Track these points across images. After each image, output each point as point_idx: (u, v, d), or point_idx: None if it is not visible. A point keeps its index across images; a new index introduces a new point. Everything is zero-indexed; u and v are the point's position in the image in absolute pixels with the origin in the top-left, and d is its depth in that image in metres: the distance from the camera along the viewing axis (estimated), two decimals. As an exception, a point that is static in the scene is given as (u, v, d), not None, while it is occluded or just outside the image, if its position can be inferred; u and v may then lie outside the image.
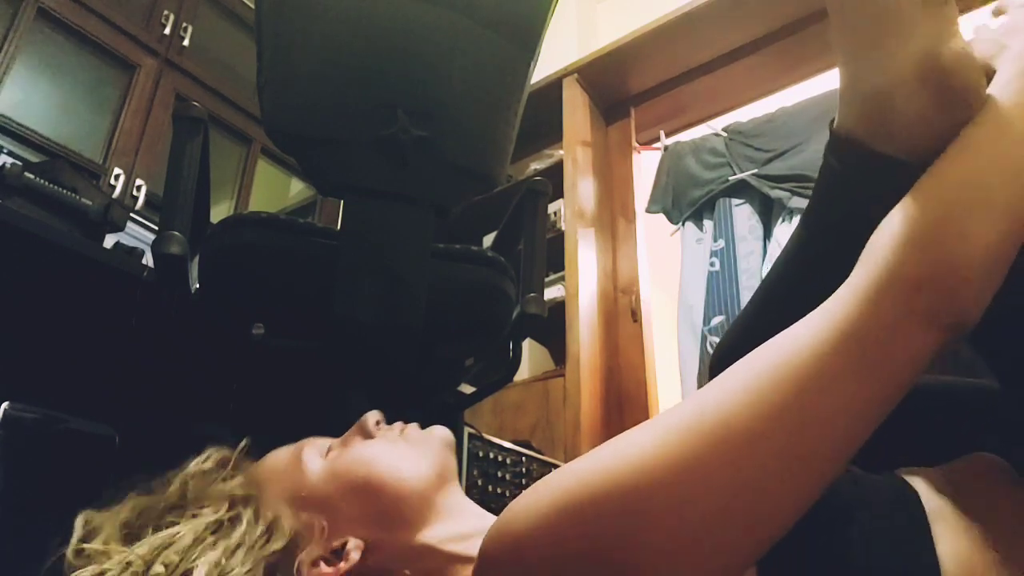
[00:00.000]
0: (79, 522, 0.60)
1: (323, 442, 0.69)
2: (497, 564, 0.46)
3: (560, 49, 2.65)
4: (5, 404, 0.90)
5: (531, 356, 2.33)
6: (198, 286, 1.09)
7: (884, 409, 0.43)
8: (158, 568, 0.54)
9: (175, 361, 1.26)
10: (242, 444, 0.70)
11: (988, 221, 0.42)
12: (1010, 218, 0.43)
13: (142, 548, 0.55)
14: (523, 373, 2.22)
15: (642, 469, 0.42)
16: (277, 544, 0.58)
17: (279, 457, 0.68)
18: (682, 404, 0.46)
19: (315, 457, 0.66)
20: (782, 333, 0.45)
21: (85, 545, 0.58)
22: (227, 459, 0.67)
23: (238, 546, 0.57)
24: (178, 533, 0.57)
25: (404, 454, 0.66)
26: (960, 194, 0.44)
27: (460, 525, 0.63)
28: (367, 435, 0.68)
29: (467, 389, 1.39)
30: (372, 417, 0.70)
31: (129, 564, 0.54)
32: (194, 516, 0.59)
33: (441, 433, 0.70)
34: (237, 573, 0.55)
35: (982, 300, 0.43)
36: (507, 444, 1.67)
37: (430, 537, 0.62)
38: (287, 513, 0.61)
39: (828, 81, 2.38)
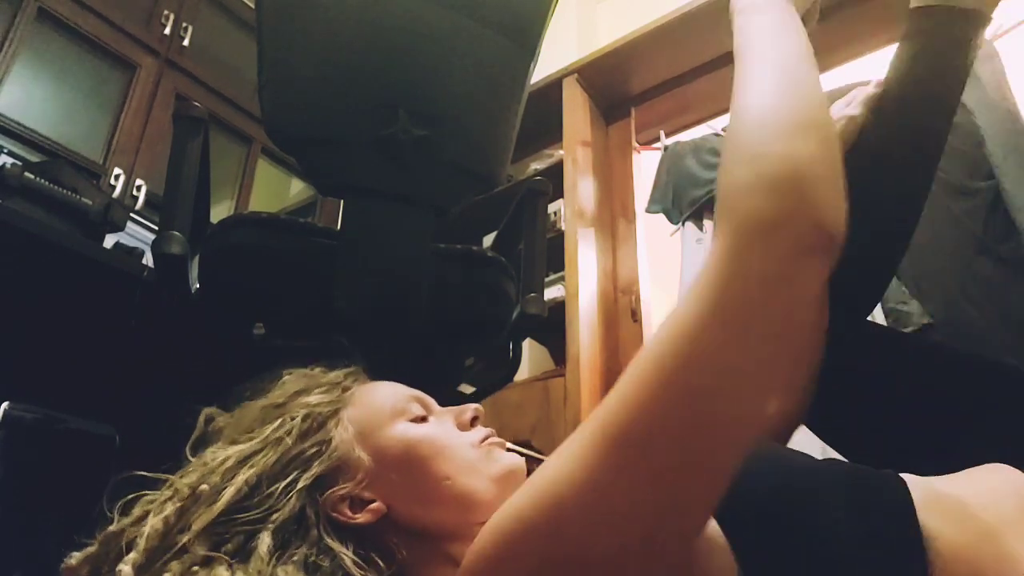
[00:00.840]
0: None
1: (424, 406, 0.71)
2: None
3: (560, 49, 2.64)
4: (5, 404, 0.91)
5: (531, 356, 2.33)
6: (198, 286, 1.09)
7: (787, 361, 0.43)
8: (203, 487, 0.59)
9: (175, 361, 1.25)
10: (350, 369, 0.74)
11: (800, 136, 0.45)
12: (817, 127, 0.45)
13: (190, 477, 0.61)
14: (523, 373, 2.22)
15: (559, 494, 0.45)
16: (320, 467, 0.62)
17: (385, 393, 0.71)
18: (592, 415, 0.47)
19: (406, 417, 0.68)
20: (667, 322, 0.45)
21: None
22: (336, 382, 0.71)
23: (280, 462, 0.61)
24: (225, 458, 0.62)
25: (474, 467, 0.66)
26: (764, 129, 0.46)
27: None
28: (461, 425, 0.70)
29: (467, 389, 1.39)
30: (472, 412, 0.72)
31: (177, 491, 0.60)
32: (251, 439, 0.64)
33: (518, 468, 0.70)
34: (275, 488, 0.59)
35: (831, 209, 0.43)
36: (507, 444, 1.67)
37: (440, 540, 0.63)
38: (351, 441, 0.64)
39: (828, 81, 2.38)
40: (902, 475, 0.57)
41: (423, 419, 0.69)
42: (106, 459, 0.98)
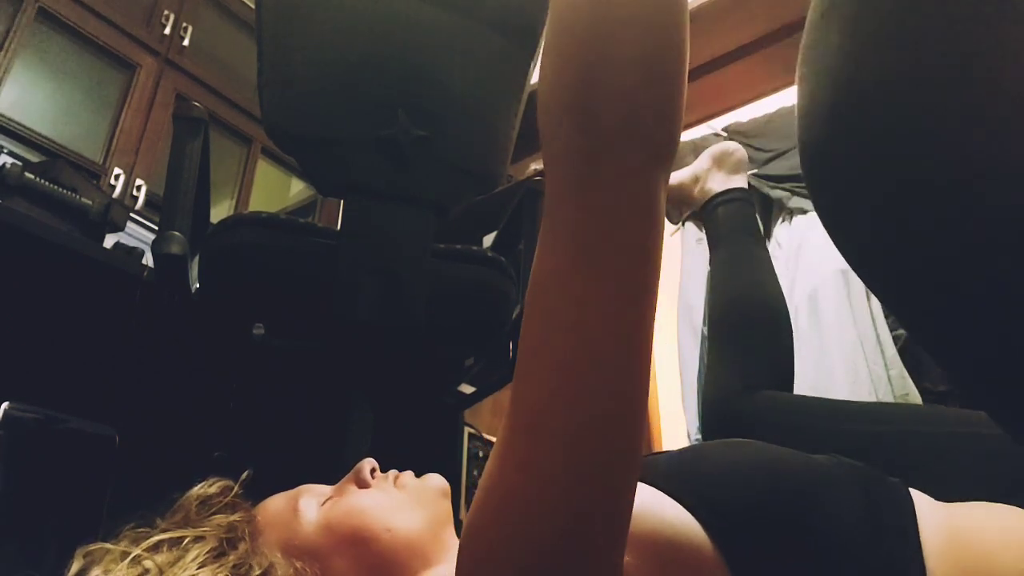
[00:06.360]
0: (78, 554, 0.60)
1: (320, 490, 0.69)
2: None
3: (560, 49, 2.64)
4: (5, 404, 0.90)
5: (531, 356, 2.32)
6: (198, 286, 1.09)
7: (643, 283, 0.41)
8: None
9: (175, 361, 1.26)
10: (244, 475, 0.70)
11: (621, 40, 0.42)
12: (643, 31, 0.43)
13: (159, 556, 0.57)
14: (523, 373, 2.21)
15: (497, 491, 0.43)
16: None
17: (276, 504, 0.68)
18: None
19: (311, 506, 0.66)
20: None
21: (92, 546, 0.58)
22: (229, 487, 0.68)
23: None
24: (187, 551, 0.58)
25: (397, 505, 0.66)
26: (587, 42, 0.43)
27: (452, 570, 0.63)
28: (362, 483, 0.69)
29: (467, 389, 1.39)
30: (367, 465, 0.70)
31: (147, 571, 0.56)
32: (198, 540, 0.59)
33: (436, 482, 0.71)
34: None
35: (649, 108, 0.42)
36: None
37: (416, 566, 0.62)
38: (281, 561, 0.61)
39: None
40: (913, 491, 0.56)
41: (326, 500, 0.67)
42: (106, 459, 0.98)
